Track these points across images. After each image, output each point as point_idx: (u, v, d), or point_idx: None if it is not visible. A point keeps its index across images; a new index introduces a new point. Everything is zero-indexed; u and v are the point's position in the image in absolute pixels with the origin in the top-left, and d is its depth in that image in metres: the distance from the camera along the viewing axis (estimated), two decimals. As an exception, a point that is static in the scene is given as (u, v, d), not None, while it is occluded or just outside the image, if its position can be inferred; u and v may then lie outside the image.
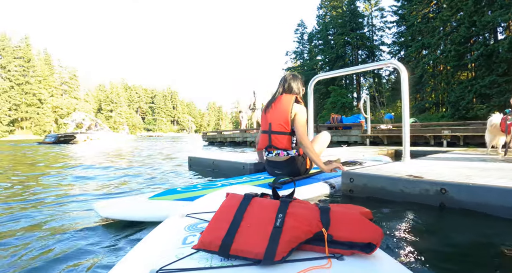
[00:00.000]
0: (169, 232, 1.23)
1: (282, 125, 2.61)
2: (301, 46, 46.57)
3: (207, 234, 1.00)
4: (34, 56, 77.23)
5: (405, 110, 3.27)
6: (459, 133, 8.22)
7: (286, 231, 0.95)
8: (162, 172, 4.60)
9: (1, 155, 10.00)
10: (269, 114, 2.71)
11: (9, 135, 68.87)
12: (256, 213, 1.05)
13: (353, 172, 2.48)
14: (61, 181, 3.93)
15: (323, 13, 42.37)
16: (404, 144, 3.31)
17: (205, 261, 0.95)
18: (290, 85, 2.77)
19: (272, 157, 2.74)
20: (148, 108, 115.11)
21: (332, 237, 0.97)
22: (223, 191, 1.63)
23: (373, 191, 2.33)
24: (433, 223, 1.83)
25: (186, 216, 1.41)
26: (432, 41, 25.17)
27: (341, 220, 1.01)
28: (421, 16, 28.03)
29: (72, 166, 5.86)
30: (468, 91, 20.48)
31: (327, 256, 0.94)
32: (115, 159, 7.83)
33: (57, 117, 77.36)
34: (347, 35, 36.88)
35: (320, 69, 41.08)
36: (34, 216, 2.11)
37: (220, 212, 1.09)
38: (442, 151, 4.94)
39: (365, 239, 0.96)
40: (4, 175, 4.72)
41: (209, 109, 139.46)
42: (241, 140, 16.62)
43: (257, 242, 0.94)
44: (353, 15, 37.44)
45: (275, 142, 2.65)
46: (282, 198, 1.12)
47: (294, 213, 1.02)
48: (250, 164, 3.47)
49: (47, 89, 77.08)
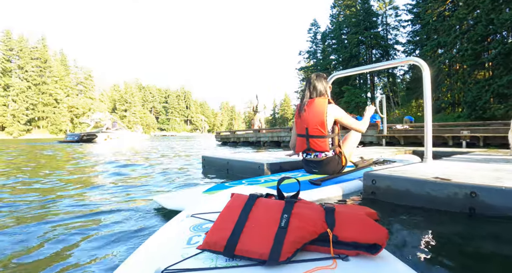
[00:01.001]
0: (174, 232, 1.24)
1: (319, 129, 2.72)
2: (314, 46, 46.31)
3: (212, 235, 1.00)
4: (51, 57, 78.69)
5: (427, 109, 3.13)
6: (478, 134, 8.06)
7: (291, 232, 0.95)
8: (187, 169, 4.81)
9: (32, 153, 10.21)
10: (304, 118, 2.80)
11: (26, 134, 70.23)
12: (261, 214, 1.05)
13: (375, 173, 2.38)
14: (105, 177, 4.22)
15: (336, 12, 42.01)
16: (426, 144, 3.17)
17: (210, 261, 0.95)
18: (316, 87, 2.84)
19: (310, 158, 2.91)
20: (162, 108, 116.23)
21: (337, 237, 0.96)
22: (229, 192, 1.64)
23: (397, 193, 2.21)
24: (460, 228, 1.73)
25: (191, 216, 1.41)
26: (448, 39, 24.71)
27: (346, 220, 1.00)
28: (436, 14, 27.56)
29: (105, 163, 6.34)
30: (485, 91, 20.05)
31: (332, 256, 0.94)
32: (141, 157, 8.24)
33: (73, 116, 78.77)
34: (361, 34, 36.47)
35: (333, 68, 40.76)
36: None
37: (225, 212, 1.09)
38: (462, 152, 4.81)
39: (370, 240, 0.95)
40: (42, 170, 5.07)
41: (222, 109, 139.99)
42: (255, 140, 16.61)
43: (262, 242, 0.94)
44: (367, 14, 37.00)
45: (313, 145, 2.79)
46: (287, 199, 1.12)
47: (299, 214, 1.02)
48: (266, 164, 3.42)
49: (63, 89, 78.48)
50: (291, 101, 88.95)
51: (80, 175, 4.53)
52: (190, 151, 11.13)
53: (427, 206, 2.03)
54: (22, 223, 1.95)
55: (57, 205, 2.46)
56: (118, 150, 12.20)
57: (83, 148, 14.02)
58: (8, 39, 72.23)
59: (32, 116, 72.62)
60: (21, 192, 3.11)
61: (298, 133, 2.92)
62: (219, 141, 20.79)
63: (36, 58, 74.97)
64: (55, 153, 10.25)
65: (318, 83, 2.84)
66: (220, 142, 20.47)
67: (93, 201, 2.62)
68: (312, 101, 2.79)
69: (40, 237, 1.67)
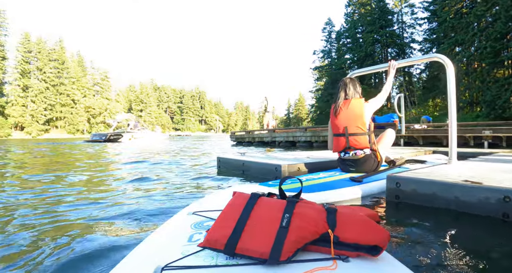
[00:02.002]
0: (175, 230, 1.24)
1: (359, 127, 2.91)
2: (329, 45, 46.10)
3: (213, 232, 1.00)
4: (68, 59, 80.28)
5: (452, 108, 3.01)
6: (501, 134, 7.83)
7: (292, 231, 0.95)
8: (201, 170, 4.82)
9: (62, 153, 10.43)
10: (341, 118, 2.99)
11: (45, 134, 71.81)
12: (263, 213, 1.04)
13: (399, 176, 2.26)
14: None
15: (351, 11, 41.70)
16: (451, 145, 3.03)
17: (210, 259, 0.95)
18: (351, 88, 3.03)
19: (348, 157, 3.02)
20: (177, 108, 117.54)
21: (338, 238, 0.96)
22: (231, 190, 1.63)
23: (423, 197, 2.09)
24: (492, 235, 1.62)
25: (192, 214, 1.42)
26: (465, 37, 24.24)
27: (348, 221, 1.00)
28: (454, 12, 27.05)
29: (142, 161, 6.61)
30: (505, 90, 19.59)
31: (332, 257, 0.94)
32: (173, 155, 8.58)
33: (90, 116, 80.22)
34: (376, 32, 36.12)
35: (348, 68, 40.46)
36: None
37: (227, 210, 1.09)
38: (486, 152, 4.64)
39: (371, 242, 0.94)
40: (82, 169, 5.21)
41: (236, 108, 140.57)
42: (270, 140, 16.55)
43: (263, 241, 0.94)
44: (382, 12, 36.62)
45: (354, 143, 2.94)
46: (289, 198, 1.11)
47: (301, 214, 1.01)
48: (284, 165, 3.31)
49: (80, 90, 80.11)
50: (306, 101, 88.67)
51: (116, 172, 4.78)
52: (211, 150, 11.43)
53: (456, 210, 1.92)
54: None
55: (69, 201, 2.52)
56: (146, 149, 12.78)
57: (114, 147, 14.65)
58: (27, 41, 73.93)
59: (50, 116, 74.30)
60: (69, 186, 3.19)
61: (335, 133, 3.09)
62: (233, 141, 20.82)
63: (54, 59, 76.64)
64: (96, 152, 10.71)
65: (352, 85, 3.03)
66: (235, 142, 20.49)
67: (103, 197, 2.69)
68: (348, 101, 2.98)
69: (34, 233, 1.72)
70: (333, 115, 3.08)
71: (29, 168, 5.48)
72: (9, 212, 2.23)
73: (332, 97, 3.18)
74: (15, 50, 72.53)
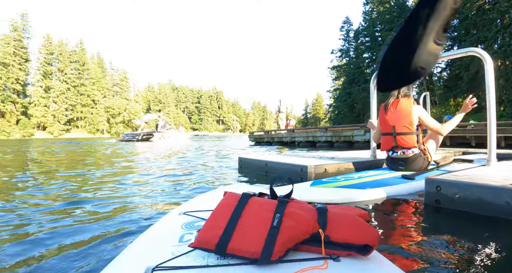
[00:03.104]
0: (166, 230, 1.24)
1: (407, 127, 2.95)
2: (347, 44, 45.52)
3: (204, 233, 1.01)
4: (88, 60, 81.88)
5: (491, 106, 2.86)
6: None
7: (283, 231, 0.95)
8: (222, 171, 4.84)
9: (116, 152, 10.79)
10: (390, 118, 3.05)
11: (66, 133, 73.48)
12: (254, 213, 1.04)
13: (440, 178, 2.10)
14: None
15: (369, 9, 41.05)
16: (490, 145, 2.87)
17: (201, 260, 0.95)
18: (404, 89, 3.08)
19: (397, 155, 3.06)
20: (194, 108, 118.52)
21: (329, 238, 0.97)
22: (222, 190, 1.64)
23: (466, 203, 1.93)
24: None
25: (183, 214, 1.42)
26: (488, 34, 23.61)
27: (338, 221, 1.00)
28: (476, 8, 26.42)
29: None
30: (529, 88, 19.08)
31: (323, 257, 0.94)
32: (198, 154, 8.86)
33: (109, 116, 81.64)
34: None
35: (367, 67, 39.97)
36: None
37: (218, 210, 1.09)
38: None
39: (362, 241, 0.95)
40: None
41: (253, 108, 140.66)
42: (289, 140, 16.51)
43: (254, 241, 0.94)
44: (401, 10, 35.95)
45: (401, 142, 2.99)
46: (280, 198, 1.11)
47: (292, 213, 1.01)
48: (310, 166, 3.19)
49: (100, 91, 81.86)
50: (323, 101, 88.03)
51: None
52: (232, 150, 11.60)
53: (505, 217, 1.77)
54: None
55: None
56: (180, 147, 13.50)
57: (151, 146, 15.85)
58: (49, 43, 75.92)
59: (71, 116, 76.14)
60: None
61: (384, 132, 3.15)
62: (252, 141, 20.87)
63: (75, 61, 78.50)
64: (145, 151, 11.09)
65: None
66: (254, 142, 20.55)
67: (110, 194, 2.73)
68: (398, 101, 3.03)
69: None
70: (382, 114, 3.15)
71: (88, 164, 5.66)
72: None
73: (350, 96, 3.22)
74: (37, 52, 74.47)
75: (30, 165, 6.01)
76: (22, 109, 70.16)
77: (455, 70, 28.71)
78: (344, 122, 38.61)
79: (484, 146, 7.67)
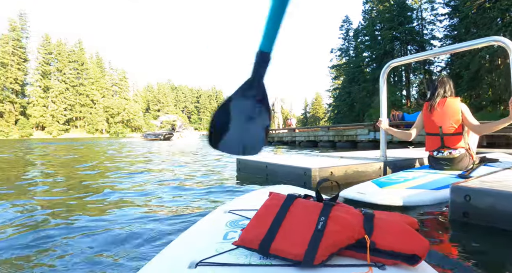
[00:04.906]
0: (211, 227, 1.26)
1: (454, 127, 2.88)
2: (347, 43, 45.56)
3: (248, 232, 1.01)
4: (87, 60, 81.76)
5: None
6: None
7: (327, 235, 0.93)
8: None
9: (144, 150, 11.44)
10: (436, 117, 2.96)
11: (65, 133, 73.43)
12: (298, 214, 1.03)
13: (469, 187, 1.75)
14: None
15: (369, 8, 41.02)
16: None
17: (244, 258, 0.95)
18: (450, 88, 3.02)
19: (442, 156, 2.97)
20: (194, 107, 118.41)
21: (374, 244, 0.93)
22: (267, 190, 1.62)
23: (502, 217, 1.60)
24: None
25: (228, 212, 1.43)
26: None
27: (385, 228, 0.97)
28: (476, 7, 26.37)
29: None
30: (531, 87, 19.03)
31: (368, 264, 0.90)
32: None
33: (108, 116, 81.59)
34: (395, 29, 35.42)
35: (366, 66, 39.91)
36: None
37: (262, 210, 1.09)
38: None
39: (410, 250, 0.90)
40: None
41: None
42: (289, 139, 16.39)
43: (297, 243, 0.93)
44: (401, 8, 35.88)
45: (449, 142, 2.91)
46: (326, 201, 1.09)
47: (337, 217, 0.99)
48: (314, 170, 2.95)
49: (99, 90, 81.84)
50: (323, 100, 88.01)
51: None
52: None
53: None
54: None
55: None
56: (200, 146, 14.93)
57: (176, 144, 17.82)
58: (48, 43, 75.91)
59: (70, 116, 76.15)
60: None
61: (429, 132, 3.07)
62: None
63: (74, 61, 78.50)
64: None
65: (448, 84, 3.03)
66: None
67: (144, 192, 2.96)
68: (445, 100, 2.95)
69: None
70: (427, 113, 3.04)
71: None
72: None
73: (350, 95, 3.10)
74: (36, 52, 74.35)
75: (92, 163, 6.45)
76: (21, 109, 70.23)
77: (455, 69, 28.62)
78: (343, 121, 38.53)
79: (494, 145, 7.40)
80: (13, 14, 73.65)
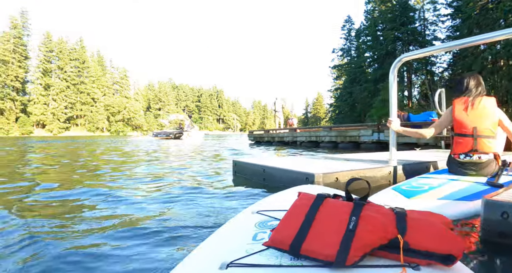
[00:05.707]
0: (240, 228, 1.26)
1: (490, 130, 2.63)
2: (348, 43, 45.48)
3: (278, 232, 1.00)
4: (88, 58, 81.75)
5: None
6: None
7: (359, 235, 0.92)
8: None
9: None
10: (470, 117, 2.68)
11: (65, 131, 73.44)
12: (329, 214, 1.02)
13: (507, 201, 1.47)
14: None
15: (371, 8, 40.91)
16: None
17: (274, 259, 0.94)
18: (483, 86, 2.79)
19: (470, 160, 2.71)
20: (195, 106, 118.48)
21: (408, 244, 0.91)
22: (295, 190, 1.62)
23: None
24: None
25: (256, 212, 1.42)
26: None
27: (419, 227, 0.94)
28: (479, 8, 26.28)
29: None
30: (534, 89, 18.96)
31: (401, 264, 0.89)
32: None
33: (109, 115, 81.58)
34: (397, 30, 35.30)
35: (368, 66, 39.82)
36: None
37: (292, 210, 1.08)
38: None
39: (445, 250, 0.88)
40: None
41: (254, 107, 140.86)
42: (291, 139, 16.20)
43: (329, 244, 0.92)
44: (403, 9, 35.75)
45: (481, 146, 2.64)
46: (356, 201, 1.08)
47: (368, 217, 0.97)
48: (317, 175, 2.70)
49: (100, 89, 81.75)
50: (324, 100, 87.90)
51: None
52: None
53: None
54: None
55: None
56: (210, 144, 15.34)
57: (189, 143, 18.27)
58: (49, 41, 75.75)
59: (70, 115, 76.07)
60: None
61: (460, 133, 2.76)
62: (252, 140, 20.75)
63: (75, 59, 78.39)
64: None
65: (480, 84, 2.79)
66: (253, 141, 20.41)
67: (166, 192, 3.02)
68: (480, 99, 2.69)
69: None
70: (460, 112, 2.75)
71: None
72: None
73: (351, 96, 2.94)
74: (37, 50, 74.32)
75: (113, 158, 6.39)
76: (21, 106, 70.15)
77: (457, 69, 28.56)
78: (344, 121, 38.46)
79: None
80: (14, 11, 73.36)
